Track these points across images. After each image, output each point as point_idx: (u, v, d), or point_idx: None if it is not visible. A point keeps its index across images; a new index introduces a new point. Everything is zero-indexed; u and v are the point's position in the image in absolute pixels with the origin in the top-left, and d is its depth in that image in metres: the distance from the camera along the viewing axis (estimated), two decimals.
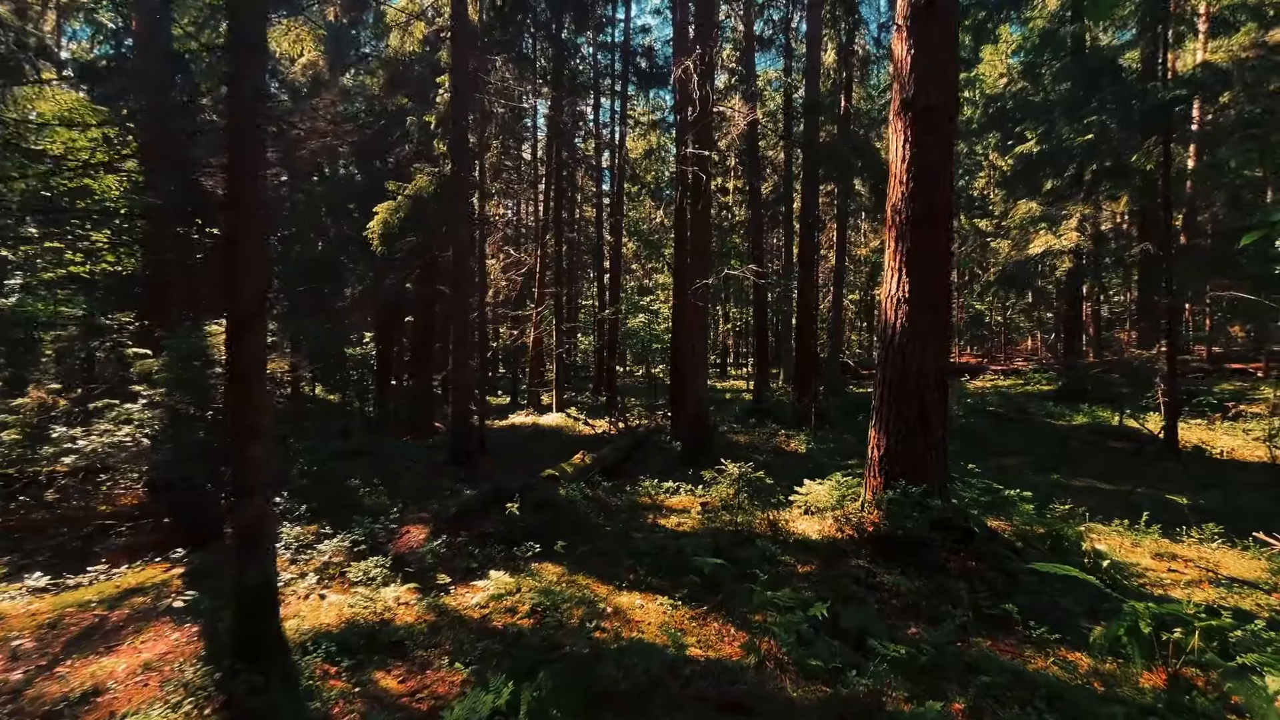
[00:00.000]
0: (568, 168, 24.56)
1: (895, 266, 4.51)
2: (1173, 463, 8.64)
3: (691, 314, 9.73)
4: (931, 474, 4.40)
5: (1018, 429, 11.44)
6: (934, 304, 4.37)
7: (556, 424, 16.34)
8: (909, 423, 4.43)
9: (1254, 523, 4.99)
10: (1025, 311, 28.79)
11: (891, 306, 4.53)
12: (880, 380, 4.64)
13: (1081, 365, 16.77)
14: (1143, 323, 18.30)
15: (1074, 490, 6.42)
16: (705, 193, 8.78)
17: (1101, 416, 12.93)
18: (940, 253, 4.39)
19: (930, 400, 4.40)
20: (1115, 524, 4.85)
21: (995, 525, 4.68)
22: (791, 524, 5.16)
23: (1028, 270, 14.47)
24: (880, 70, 23.07)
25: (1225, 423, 12.28)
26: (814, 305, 13.61)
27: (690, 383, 9.88)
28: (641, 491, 7.25)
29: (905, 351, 4.43)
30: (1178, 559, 4.28)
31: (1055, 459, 8.37)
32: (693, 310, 9.64)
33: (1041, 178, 13.94)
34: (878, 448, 4.59)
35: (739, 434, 12.80)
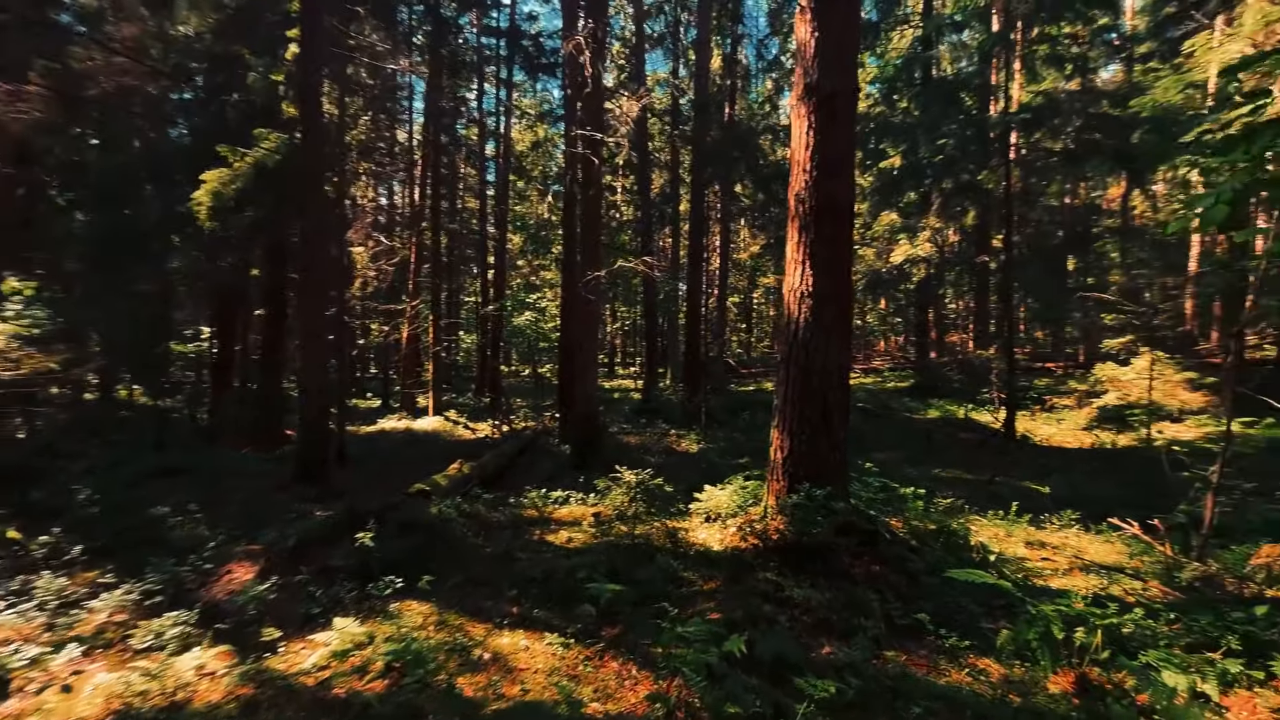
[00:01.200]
0: (448, 153, 22.84)
1: (799, 259, 4.30)
2: (1014, 452, 9.63)
3: (581, 309, 9.17)
4: (835, 475, 4.24)
5: (885, 424, 12.26)
6: (838, 298, 4.21)
7: (433, 429, 14.94)
8: (812, 422, 4.24)
9: (1095, 505, 5.50)
10: (882, 315, 31.74)
11: (795, 301, 4.31)
12: (783, 378, 4.41)
13: (932, 364, 18.65)
14: (978, 326, 20.84)
15: (946, 482, 6.80)
16: (597, 179, 8.27)
17: (950, 410, 14.34)
18: (844, 245, 4.25)
19: (834, 398, 4.24)
20: (990, 515, 5.07)
21: (892, 523, 4.66)
22: (692, 534, 4.80)
23: (891, 277, 15.71)
24: (760, 83, 24.16)
25: (1043, 414, 14.15)
26: (701, 304, 13.66)
27: (580, 381, 9.32)
28: (527, 503, 6.55)
29: (809, 348, 4.23)
30: (1046, 547, 4.51)
31: (922, 452, 8.95)
32: (582, 305, 9.09)
33: (903, 191, 15.17)
34: (780, 449, 4.36)
35: (629, 434, 12.47)
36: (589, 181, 8.11)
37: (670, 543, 4.68)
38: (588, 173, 8.07)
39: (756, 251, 25.88)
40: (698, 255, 13.14)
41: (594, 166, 7.95)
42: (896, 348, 33.47)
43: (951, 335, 27.80)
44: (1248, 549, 3.70)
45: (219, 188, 9.69)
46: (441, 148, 20.37)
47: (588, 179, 8.12)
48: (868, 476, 5.05)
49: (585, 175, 8.15)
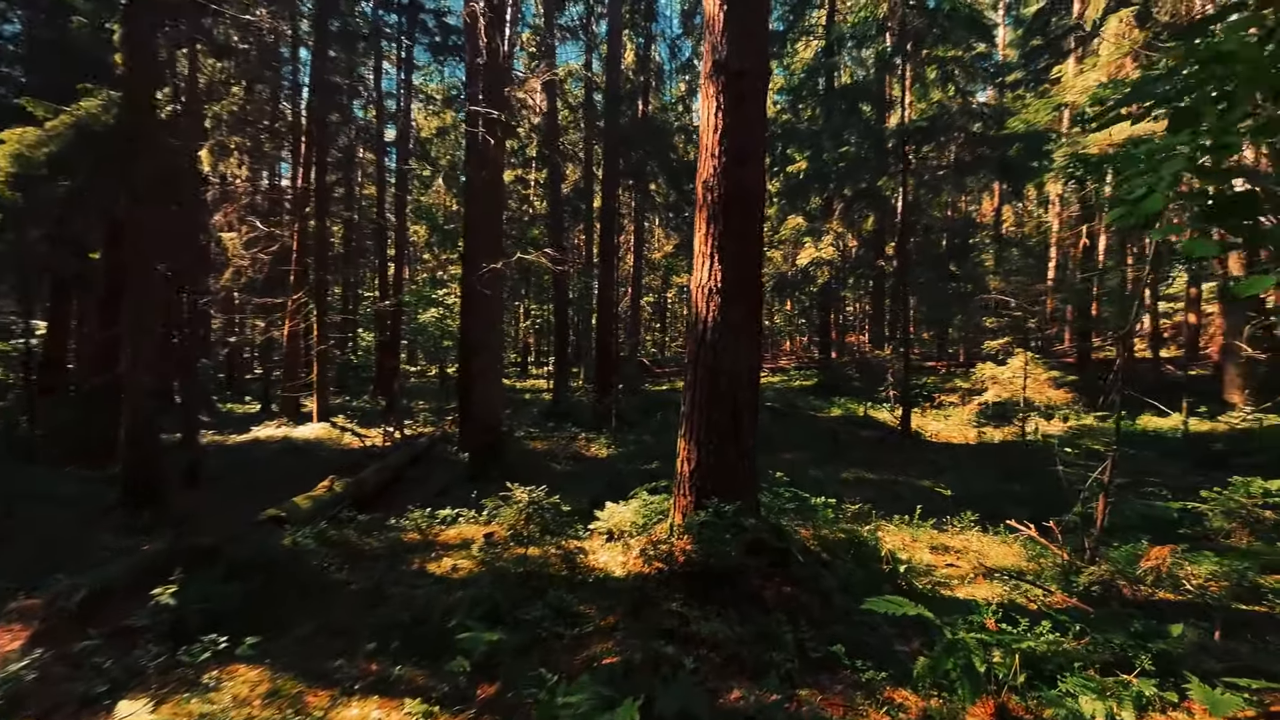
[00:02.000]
0: (340, 133, 20.87)
1: (706, 252, 3.93)
2: (910, 449, 10.02)
3: (481, 303, 8.40)
4: (745, 487, 3.92)
5: (792, 423, 12.45)
6: (747, 294, 3.88)
7: (316, 436, 13.40)
8: (721, 429, 3.88)
9: (989, 503, 5.63)
10: (788, 316, 33.00)
11: (702, 297, 3.94)
12: (690, 381, 4.03)
13: (834, 364, 19.46)
14: (874, 328, 22.07)
15: (851, 484, 6.81)
16: (495, 161, 7.56)
17: (851, 408, 14.92)
18: (754, 238, 3.93)
19: (743, 401, 3.91)
20: (896, 521, 5.00)
21: (803, 533, 4.43)
22: (593, 556, 4.31)
23: (796, 279, 16.11)
24: (674, 84, 24.16)
25: (933, 410, 15.08)
26: (614, 302, 13.22)
27: (480, 382, 8.55)
28: (409, 525, 5.76)
29: (717, 348, 3.87)
30: (950, 551, 4.47)
31: (828, 452, 9.05)
32: (482, 299, 8.32)
33: (808, 195, 15.59)
34: (688, 460, 3.97)
35: (536, 439, 11.79)
36: (485, 162, 7.38)
37: (567, 569, 4.16)
38: (484, 153, 7.35)
39: (670, 251, 25.93)
40: (610, 251, 12.69)
41: (490, 147, 7.24)
42: (801, 348, 34.99)
43: (851, 336, 29.41)
44: (1132, 548, 3.79)
45: (22, 150, 7.93)
46: (330, 127, 18.49)
47: (484, 158, 7.39)
48: (778, 487, 4.81)
49: (481, 156, 7.41)
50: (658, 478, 6.02)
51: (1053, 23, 17.72)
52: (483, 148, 7.35)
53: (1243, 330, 11.09)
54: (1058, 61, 17.31)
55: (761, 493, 4.51)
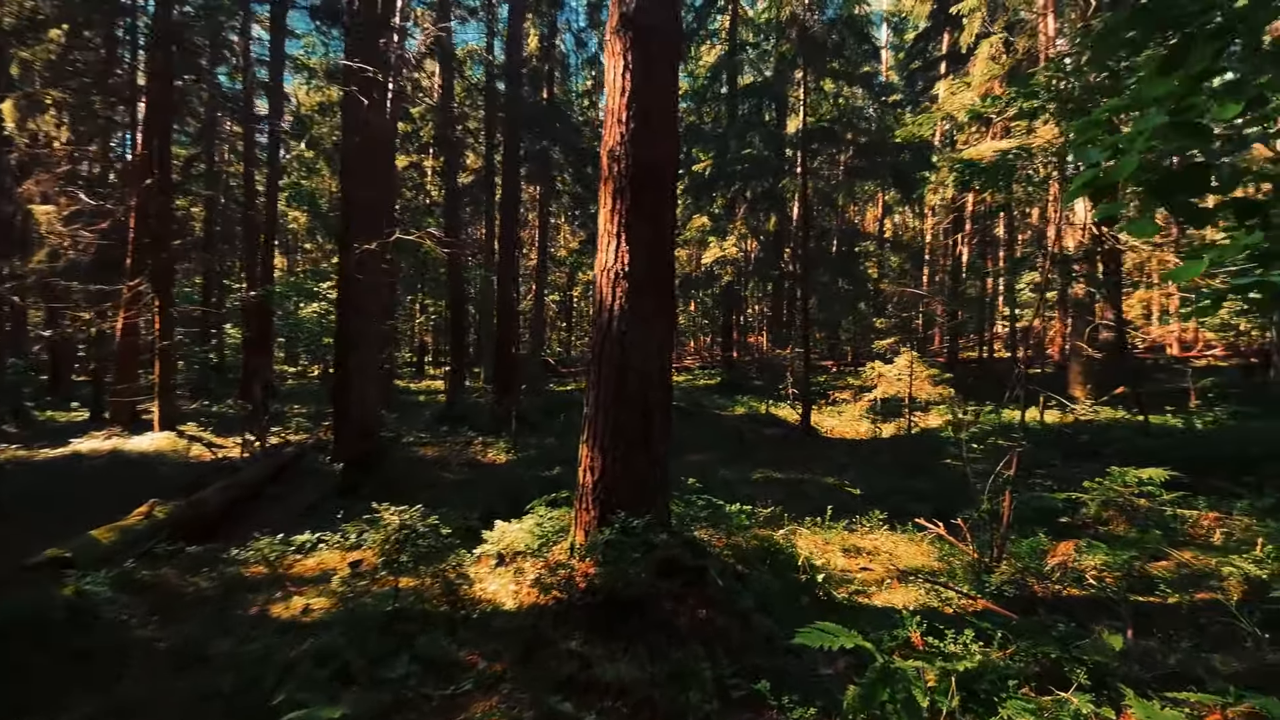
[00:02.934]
0: (193, 97, 18.14)
1: (612, 231, 3.45)
2: (811, 445, 10.21)
3: (359, 292, 7.34)
4: (656, 496, 3.48)
5: (699, 422, 12.34)
6: (659, 281, 3.45)
7: (157, 448, 11.33)
8: (630, 433, 3.42)
9: (893, 499, 5.66)
10: (693, 316, 33.52)
11: (607, 283, 3.45)
12: (594, 379, 3.53)
13: (737, 363, 19.84)
14: (774, 328, 22.85)
15: (761, 484, 6.65)
16: (375, 126, 6.60)
17: (754, 406, 15.17)
18: (666, 217, 3.50)
19: (655, 401, 3.47)
20: (808, 523, 4.82)
21: (716, 543, 4.08)
22: (479, 585, 3.67)
23: (701, 278, 16.16)
24: (580, 79, 23.55)
25: (828, 407, 15.72)
26: (515, 298, 12.42)
27: (357, 381, 7.48)
28: (255, 555, 4.76)
29: (625, 341, 3.40)
30: (863, 553, 4.33)
31: (735, 451, 8.95)
32: (360, 287, 7.28)
33: (713, 193, 15.68)
34: (591, 469, 3.47)
35: (427, 444, 10.71)
36: (360, 127, 6.40)
37: (448, 603, 3.50)
38: (359, 116, 6.37)
39: (576, 247, 25.30)
40: (510, 242, 11.87)
41: (367, 110, 6.28)
42: (704, 347, 35.72)
43: (753, 337, 30.41)
44: (1033, 543, 3.82)
45: None
46: (182, 89, 15.94)
47: (358, 125, 6.41)
48: (691, 494, 4.43)
49: (356, 120, 6.42)
50: (560, 486, 5.46)
51: (929, 49, 19.32)
52: (359, 111, 6.36)
53: (1084, 333, 12.51)
54: (931, 86, 18.89)
55: (674, 501, 4.11)
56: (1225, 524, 4.21)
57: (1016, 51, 12.78)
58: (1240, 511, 4.21)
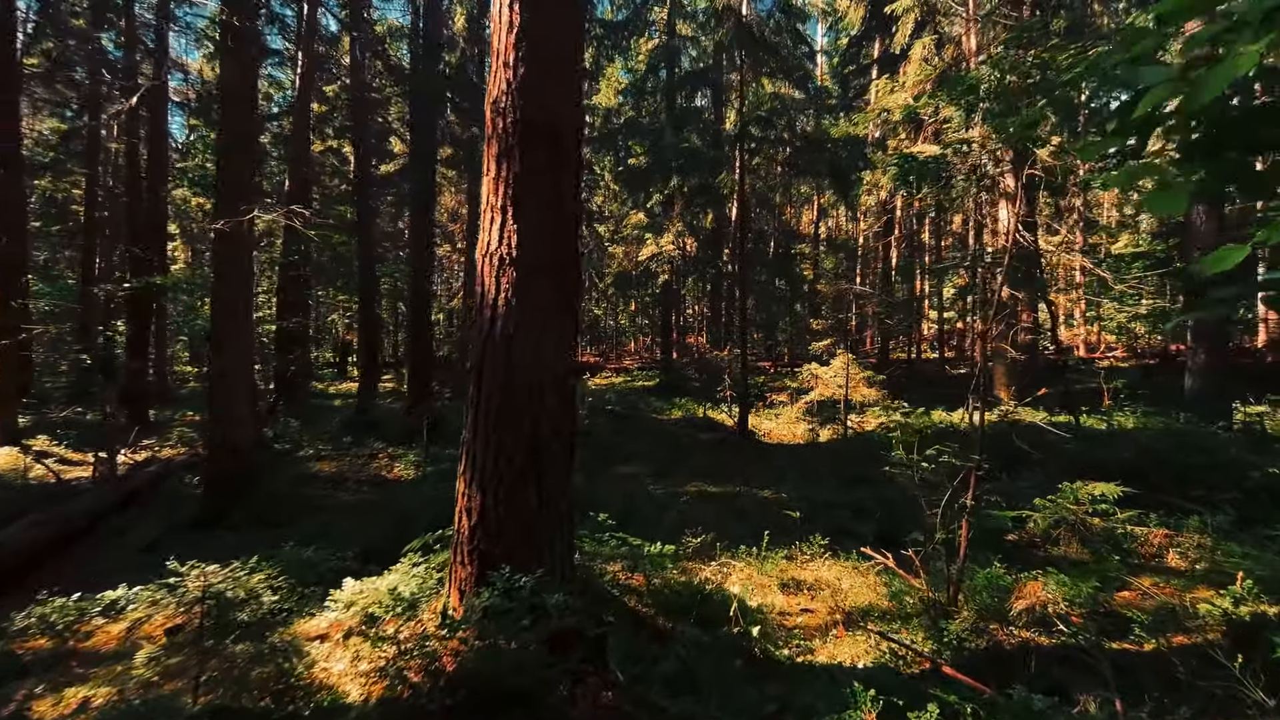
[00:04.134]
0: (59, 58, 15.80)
1: (497, 204, 2.69)
2: (748, 450, 9.76)
3: (224, 284, 6.14)
4: (552, 544, 2.74)
5: (632, 427, 11.70)
6: (558, 269, 2.71)
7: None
8: (517, 465, 2.66)
9: (832, 514, 5.18)
10: (631, 315, 32.92)
11: (491, 271, 2.68)
12: (473, 395, 2.75)
13: (675, 364, 19.37)
14: (712, 329, 22.58)
15: (694, 499, 6.04)
16: (243, 84, 5.47)
17: (691, 409, 14.69)
18: (566, 187, 2.76)
19: (552, 422, 2.72)
20: (742, 553, 4.22)
21: (635, 582, 3.38)
22: (322, 666, 2.80)
23: (638, 275, 15.55)
24: None
25: (765, 409, 15.48)
26: (428, 293, 11.30)
27: (221, 388, 6.25)
28: (37, 624, 3.63)
29: (512, 347, 2.64)
30: (804, 589, 3.77)
31: (669, 460, 8.34)
32: (228, 276, 6.09)
33: (650, 190, 15.09)
34: (467, 512, 2.69)
35: (327, 459, 9.48)
36: (231, 76, 5.26)
37: (274, 694, 2.62)
38: (232, 65, 5.23)
39: None
40: (423, 231, 10.75)
41: (241, 60, 5.15)
42: (644, 348, 35.23)
43: (691, 337, 30.15)
44: (991, 574, 3.37)
45: None
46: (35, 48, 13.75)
47: (231, 74, 5.26)
48: (602, 531, 3.71)
49: (228, 70, 5.28)
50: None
51: (862, 54, 19.60)
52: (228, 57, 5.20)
53: (1008, 335, 12.80)
54: (864, 92, 19.18)
55: (584, 539, 3.38)
56: (1176, 542, 3.96)
57: (946, 57, 12.96)
58: (1191, 529, 3.98)
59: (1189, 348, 7.51)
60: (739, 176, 10.75)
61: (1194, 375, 7.39)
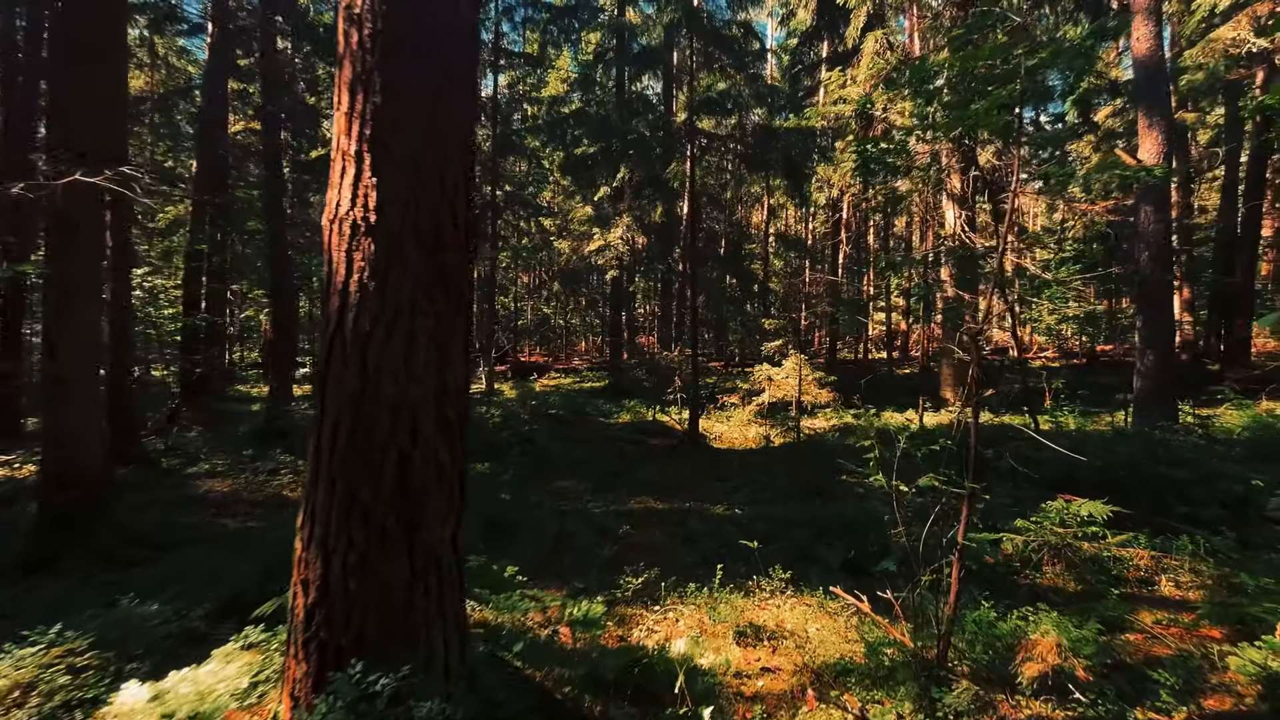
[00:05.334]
0: None
1: (350, 150, 1.91)
2: (698, 456, 9.19)
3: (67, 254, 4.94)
4: (428, 626, 1.97)
5: (576, 433, 10.96)
6: (439, 236, 1.94)
7: None
8: (375, 518, 1.88)
9: (793, 538, 4.62)
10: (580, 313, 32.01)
11: (340, 241, 1.90)
12: (319, 421, 1.96)
13: (624, 365, 18.69)
14: (662, 328, 22.06)
15: (638, 519, 5.36)
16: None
17: (640, 412, 14.06)
18: (452, 125, 2.00)
19: (426, 460, 1.96)
20: (692, 590, 3.56)
21: (562, 637, 2.66)
22: None
23: (585, 270, 14.78)
24: None
25: (717, 412, 15.02)
26: (289, 273, 10.09)
27: (59, 400, 5.06)
28: None
29: (370, 347, 1.87)
30: (763, 638, 3.14)
31: (613, 472, 7.63)
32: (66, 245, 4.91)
33: (598, 183, 14.35)
34: (304, 585, 1.89)
35: (222, 476, 8.24)
36: None
37: None
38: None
39: None
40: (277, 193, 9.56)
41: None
42: (594, 348, 34.42)
43: (642, 337, 29.57)
44: (981, 618, 2.84)
45: None
46: None
47: None
48: (509, 589, 2.95)
49: None
50: None
51: (812, 52, 19.54)
52: None
53: (956, 337, 12.83)
54: (814, 91, 19.10)
55: (488, 603, 2.62)
56: (1165, 565, 3.59)
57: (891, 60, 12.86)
58: (1184, 552, 3.62)
59: (1139, 350, 7.45)
60: (689, 167, 10.17)
61: (1143, 377, 7.33)
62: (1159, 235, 7.26)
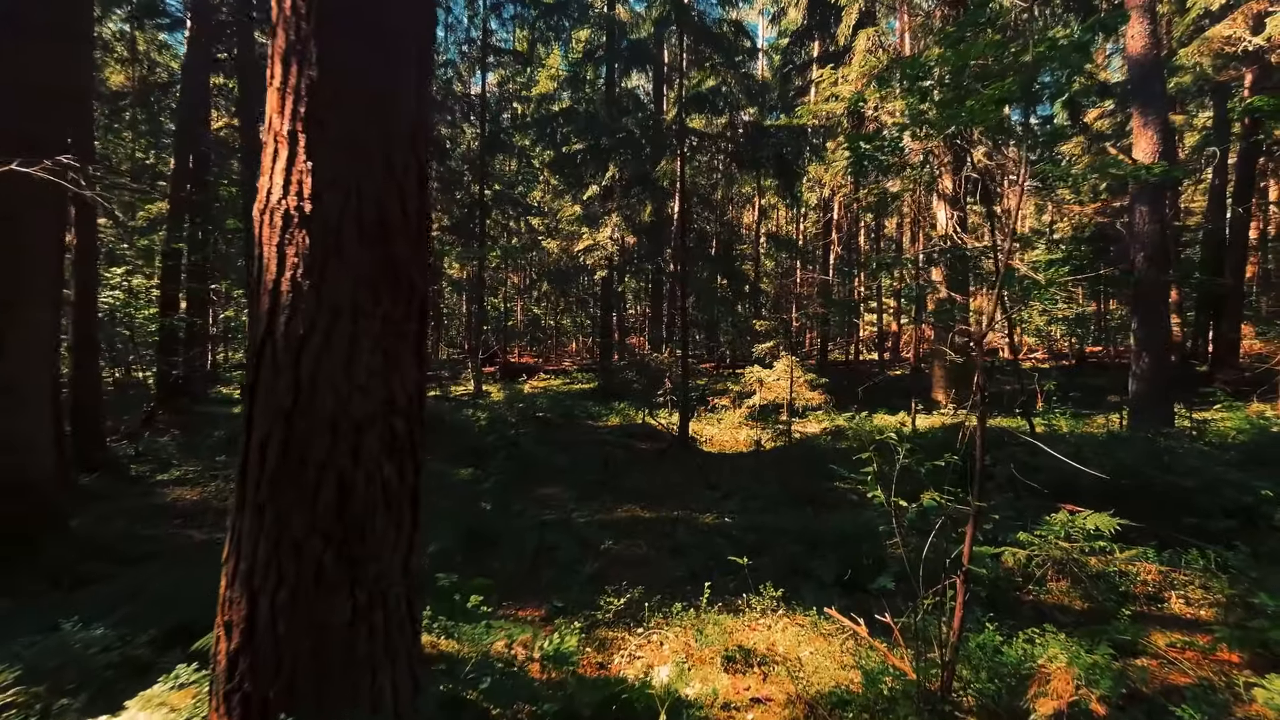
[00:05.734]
0: None
1: (284, 130, 1.68)
2: (688, 460, 8.98)
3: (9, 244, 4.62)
4: (374, 672, 1.74)
5: (563, 437, 10.72)
6: (386, 228, 1.72)
7: None
8: (309, 551, 1.64)
9: (785, 551, 4.42)
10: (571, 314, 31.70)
11: (272, 233, 1.68)
12: (246, 439, 1.71)
13: (613, 366, 18.46)
14: (653, 329, 21.86)
15: (624, 529, 5.13)
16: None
17: (630, 415, 13.83)
18: (403, 103, 1.77)
19: (371, 483, 1.72)
20: (678, 610, 3.35)
21: (531, 671, 2.42)
22: None
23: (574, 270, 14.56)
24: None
25: (707, 414, 14.83)
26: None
27: (16, 399, 4.76)
28: None
29: (305, 354, 1.64)
30: (753, 663, 2.93)
31: (600, 479, 7.41)
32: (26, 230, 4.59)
33: (587, 181, 14.13)
34: (228, 628, 1.65)
35: (194, 483, 7.92)
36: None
37: None
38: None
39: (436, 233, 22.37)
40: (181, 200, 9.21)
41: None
42: (585, 349, 34.12)
43: (632, 338, 29.35)
44: (983, 641, 2.65)
45: None
46: None
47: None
48: (476, 619, 2.71)
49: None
50: None
51: (803, 51, 19.44)
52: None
53: (948, 338, 12.70)
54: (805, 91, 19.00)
55: (452, 635, 2.38)
56: (1173, 580, 3.42)
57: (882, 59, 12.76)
58: (1194, 567, 3.46)
59: (1134, 352, 7.33)
60: (680, 165, 9.97)
61: (1138, 380, 7.21)
62: (1154, 236, 7.15)
